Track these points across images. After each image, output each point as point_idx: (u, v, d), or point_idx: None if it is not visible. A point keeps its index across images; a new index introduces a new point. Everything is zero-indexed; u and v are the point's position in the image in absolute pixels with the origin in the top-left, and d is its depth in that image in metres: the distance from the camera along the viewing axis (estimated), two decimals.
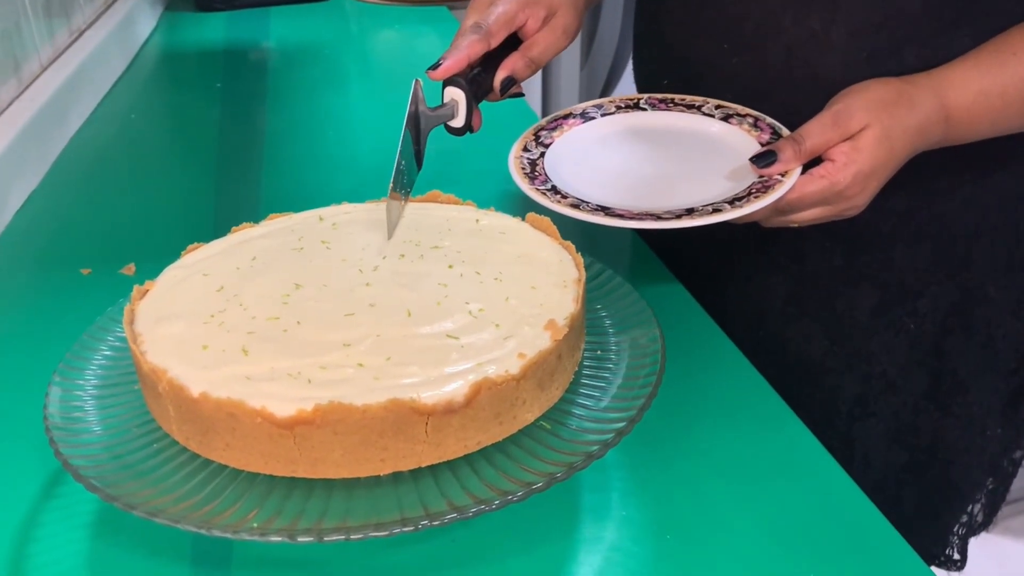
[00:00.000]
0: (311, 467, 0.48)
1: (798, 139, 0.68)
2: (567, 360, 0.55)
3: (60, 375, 0.57)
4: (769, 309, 0.87)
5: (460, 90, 0.71)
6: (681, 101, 0.81)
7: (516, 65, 0.74)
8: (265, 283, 0.59)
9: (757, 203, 0.66)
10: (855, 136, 0.67)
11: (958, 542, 0.92)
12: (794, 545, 0.54)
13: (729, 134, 0.77)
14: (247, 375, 0.49)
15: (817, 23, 0.74)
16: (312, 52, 1.54)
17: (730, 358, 0.71)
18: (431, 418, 0.47)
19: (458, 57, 0.70)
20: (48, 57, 1.21)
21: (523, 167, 0.74)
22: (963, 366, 0.85)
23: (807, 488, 0.58)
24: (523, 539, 0.54)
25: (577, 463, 0.48)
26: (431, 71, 0.71)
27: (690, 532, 0.55)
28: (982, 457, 0.89)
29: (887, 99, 0.68)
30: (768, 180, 0.68)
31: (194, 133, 1.24)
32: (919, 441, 0.87)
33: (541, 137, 0.79)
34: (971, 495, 0.91)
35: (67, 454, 0.50)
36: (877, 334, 0.84)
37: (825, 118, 0.68)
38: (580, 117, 0.82)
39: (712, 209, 0.67)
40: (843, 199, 0.68)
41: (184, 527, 0.45)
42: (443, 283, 0.58)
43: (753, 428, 0.63)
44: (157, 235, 0.93)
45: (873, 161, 0.67)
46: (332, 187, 1.03)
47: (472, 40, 0.71)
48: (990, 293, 0.82)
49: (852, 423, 0.87)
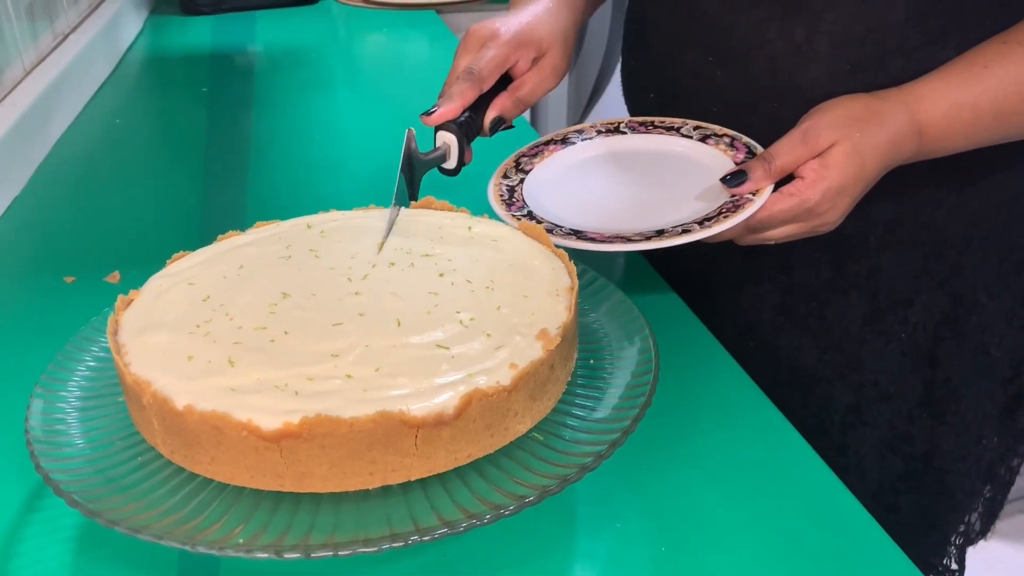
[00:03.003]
0: (298, 481, 0.47)
1: (768, 158, 0.68)
2: (560, 370, 0.54)
3: (42, 387, 0.55)
4: (759, 319, 0.87)
5: (452, 135, 0.73)
6: (661, 124, 0.83)
7: (505, 105, 0.76)
8: (252, 292, 0.58)
9: (726, 222, 0.67)
10: (824, 153, 0.67)
11: (955, 551, 0.92)
12: (791, 556, 0.53)
13: (705, 155, 0.78)
14: (233, 387, 0.48)
15: (801, 35, 0.74)
16: (299, 56, 1.53)
17: (724, 366, 0.70)
18: (421, 431, 0.46)
19: (452, 106, 0.72)
20: (31, 61, 1.19)
21: (501, 194, 0.76)
22: (956, 374, 0.84)
23: (803, 498, 0.58)
24: (515, 552, 0.53)
25: (571, 475, 0.48)
26: (425, 117, 0.72)
27: (686, 543, 0.54)
28: (978, 465, 0.88)
29: (856, 115, 0.68)
30: (739, 199, 0.69)
31: (180, 138, 1.23)
32: (914, 450, 0.87)
33: (521, 164, 0.80)
34: (968, 504, 0.91)
35: (48, 468, 0.48)
36: (868, 343, 0.84)
37: (794, 136, 0.68)
38: (561, 143, 0.83)
39: (682, 230, 0.68)
40: (814, 216, 0.68)
41: (168, 543, 0.44)
42: (434, 292, 0.57)
43: (748, 437, 0.63)
44: (142, 242, 0.92)
45: (843, 177, 0.67)
46: (319, 192, 1.03)
47: (464, 88, 0.73)
48: (982, 300, 0.82)
49: (846, 432, 0.87)
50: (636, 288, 0.81)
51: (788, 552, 0.53)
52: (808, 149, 0.67)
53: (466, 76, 0.73)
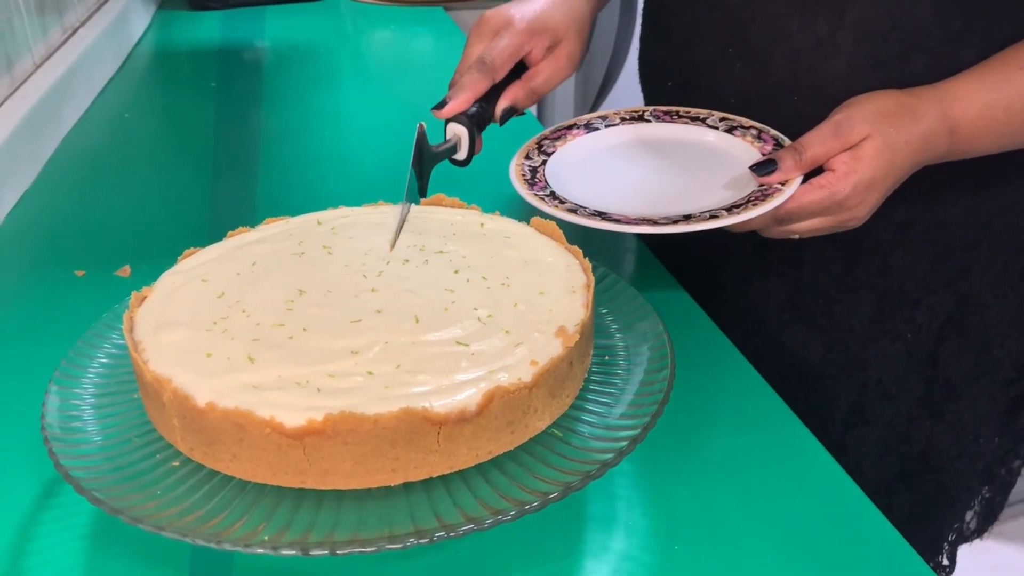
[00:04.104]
0: (320, 478, 0.47)
1: (799, 148, 0.68)
2: (578, 367, 0.54)
3: (57, 383, 0.55)
4: (766, 315, 0.86)
5: (463, 126, 0.72)
6: (686, 113, 0.82)
7: (517, 95, 0.74)
8: (267, 289, 0.57)
9: (755, 210, 0.66)
10: (856, 146, 0.66)
11: (948, 548, 0.92)
12: (802, 553, 0.53)
13: (732, 146, 0.77)
14: (254, 384, 0.48)
15: (824, 29, 0.74)
16: (307, 52, 1.53)
17: (734, 363, 0.70)
18: (443, 427, 0.46)
19: (464, 97, 0.71)
20: (41, 55, 1.19)
21: (523, 173, 0.75)
22: (957, 374, 0.84)
23: (814, 495, 0.58)
24: (529, 549, 0.53)
25: (593, 471, 0.48)
26: (436, 110, 0.71)
27: (699, 541, 0.54)
28: (975, 464, 0.88)
29: (890, 110, 0.67)
30: (768, 189, 0.68)
31: (189, 133, 1.23)
32: (911, 449, 0.87)
33: (544, 146, 0.79)
34: (965, 502, 0.90)
35: (68, 465, 0.48)
36: (874, 342, 0.83)
37: (826, 128, 0.68)
38: (584, 128, 0.82)
39: (709, 215, 0.67)
40: (843, 209, 0.67)
41: (193, 541, 0.44)
42: (450, 288, 0.57)
43: (759, 433, 0.63)
44: (152, 236, 0.92)
45: (874, 171, 0.66)
46: (328, 188, 1.02)
47: (476, 79, 0.72)
48: (987, 301, 0.82)
49: (846, 431, 0.86)
50: (644, 283, 0.81)
51: (800, 549, 0.53)
52: (840, 142, 0.67)
53: (478, 66, 0.72)
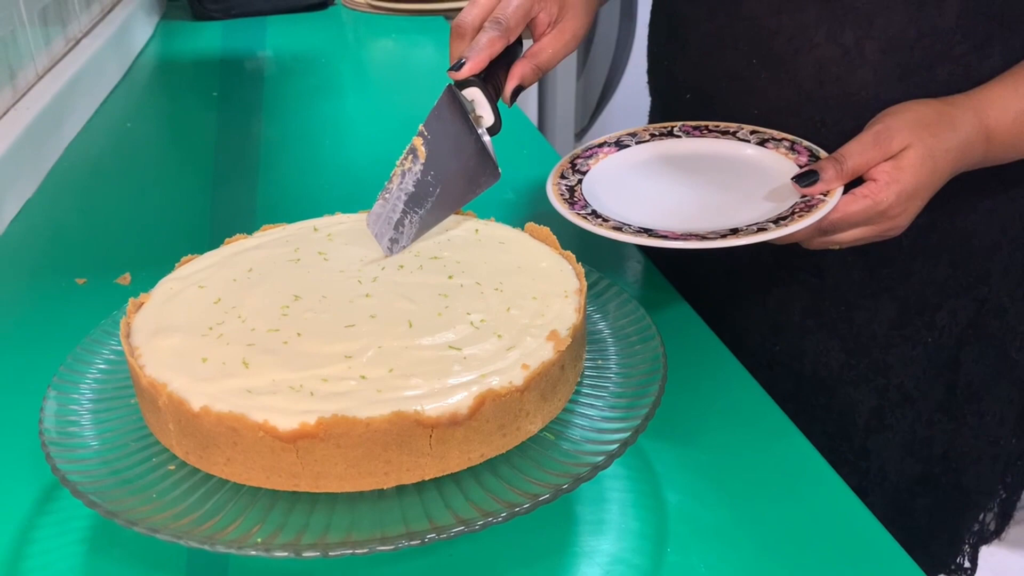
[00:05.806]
0: (313, 481, 0.47)
1: (839, 159, 0.68)
2: (570, 371, 0.54)
3: (55, 389, 0.56)
4: (787, 322, 0.86)
5: (478, 88, 0.68)
6: (715, 128, 0.82)
7: (524, 73, 0.73)
8: (263, 295, 0.58)
9: (802, 222, 0.65)
10: (897, 156, 0.67)
11: (969, 550, 0.92)
12: (796, 560, 0.53)
13: (766, 157, 0.77)
14: (248, 388, 0.49)
15: (850, 39, 0.74)
16: (308, 61, 1.54)
17: (731, 370, 0.71)
18: (435, 430, 0.47)
19: (480, 57, 0.68)
20: (44, 66, 1.20)
21: (561, 193, 0.74)
22: (977, 377, 0.84)
23: (810, 503, 0.58)
24: (522, 552, 0.54)
25: (583, 474, 0.48)
26: (453, 72, 0.68)
27: (691, 545, 0.54)
28: (994, 466, 0.88)
29: (928, 119, 0.68)
30: (811, 200, 0.68)
31: (190, 142, 1.24)
32: (932, 452, 0.87)
33: (577, 164, 0.79)
34: (983, 503, 0.90)
35: (64, 469, 0.49)
36: (895, 347, 0.83)
37: (866, 138, 0.68)
38: (615, 145, 0.82)
39: (757, 228, 0.67)
40: (886, 219, 0.67)
41: (187, 543, 0.44)
42: (444, 294, 0.58)
43: (755, 441, 0.63)
44: (153, 244, 0.92)
45: (916, 181, 0.66)
46: (328, 196, 1.03)
47: (493, 38, 0.68)
48: (1005, 305, 0.82)
49: (868, 436, 0.86)
50: (641, 290, 0.81)
51: (795, 557, 0.53)
52: (881, 151, 0.67)
53: (493, 25, 0.69)
